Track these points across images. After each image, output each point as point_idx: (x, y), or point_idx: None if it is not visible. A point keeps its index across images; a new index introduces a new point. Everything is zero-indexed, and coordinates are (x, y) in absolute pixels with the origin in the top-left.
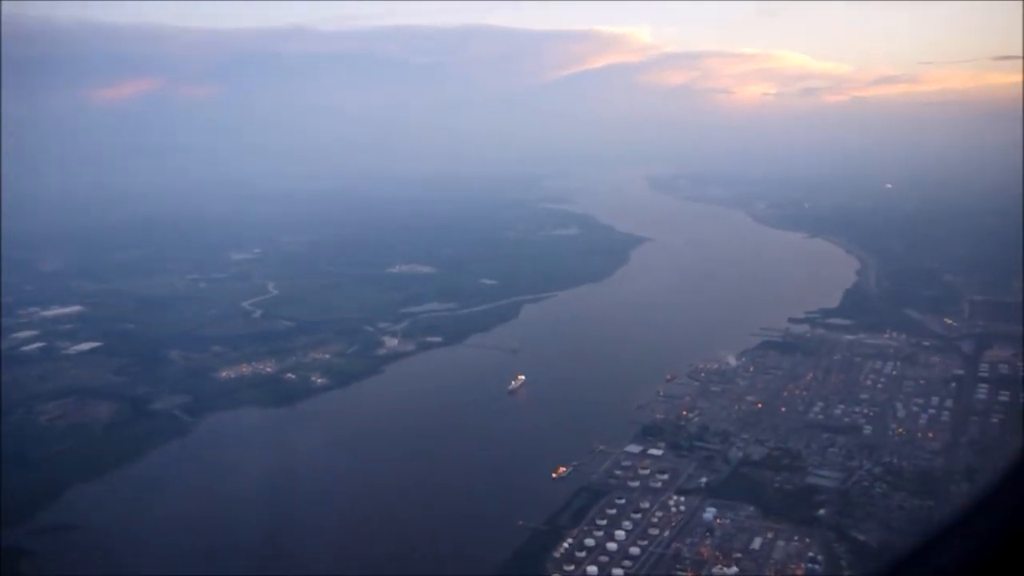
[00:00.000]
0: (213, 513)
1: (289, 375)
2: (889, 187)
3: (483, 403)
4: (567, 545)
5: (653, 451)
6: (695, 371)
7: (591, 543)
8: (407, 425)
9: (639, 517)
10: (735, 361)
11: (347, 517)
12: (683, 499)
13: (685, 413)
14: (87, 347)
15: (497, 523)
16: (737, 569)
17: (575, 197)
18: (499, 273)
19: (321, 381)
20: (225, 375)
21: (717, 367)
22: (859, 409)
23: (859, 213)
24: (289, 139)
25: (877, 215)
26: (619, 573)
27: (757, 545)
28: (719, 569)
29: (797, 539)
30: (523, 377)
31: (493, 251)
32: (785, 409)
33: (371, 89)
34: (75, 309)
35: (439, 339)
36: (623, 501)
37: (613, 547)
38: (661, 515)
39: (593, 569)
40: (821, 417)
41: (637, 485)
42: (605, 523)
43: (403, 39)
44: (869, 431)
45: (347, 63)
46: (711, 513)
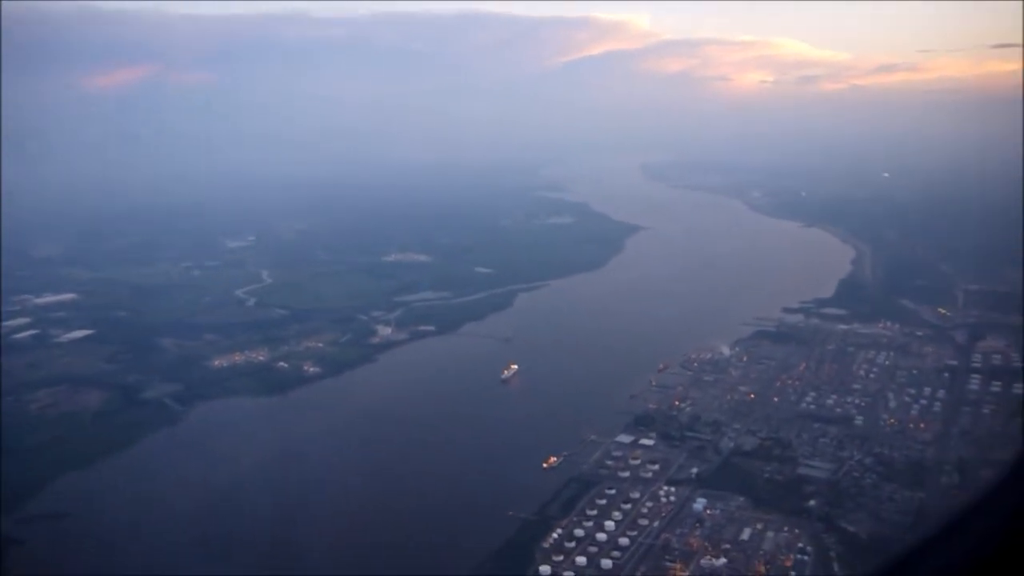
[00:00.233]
0: (203, 501)
1: (282, 363)
2: (887, 176)
3: (475, 392)
4: (556, 535)
5: (644, 441)
6: (688, 361)
7: (580, 533)
8: (399, 414)
9: (629, 507)
10: (728, 351)
11: (337, 506)
12: (673, 489)
13: (677, 403)
14: (79, 335)
15: (487, 513)
16: (726, 560)
17: (572, 185)
18: (494, 262)
19: (314, 370)
20: (217, 363)
21: (710, 357)
22: (851, 399)
23: (856, 202)
24: (285, 126)
25: (874, 204)
26: (608, 564)
27: (746, 536)
28: (708, 560)
29: (787, 530)
30: (516, 366)
31: (489, 239)
32: (777, 399)
33: (368, 76)
34: (68, 297)
35: (432, 328)
36: (613, 491)
37: (603, 537)
38: (651, 505)
39: (582, 559)
40: (813, 407)
41: (627, 475)
42: (595, 513)
43: (400, 26)
44: (861, 421)
45: (344, 50)
46: (701, 504)
